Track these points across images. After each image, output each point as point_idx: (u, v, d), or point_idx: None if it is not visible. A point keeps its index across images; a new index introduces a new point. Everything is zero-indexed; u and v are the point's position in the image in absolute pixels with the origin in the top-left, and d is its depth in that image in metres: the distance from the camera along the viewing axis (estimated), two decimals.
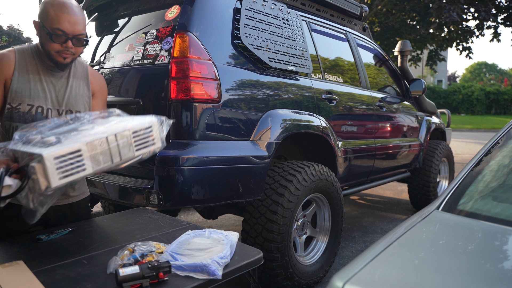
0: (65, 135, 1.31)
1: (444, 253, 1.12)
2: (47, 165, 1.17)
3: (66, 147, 1.22)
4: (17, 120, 1.55)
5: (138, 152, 1.41)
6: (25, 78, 1.56)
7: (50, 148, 1.21)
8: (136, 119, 1.48)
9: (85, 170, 1.27)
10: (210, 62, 2.11)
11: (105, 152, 1.31)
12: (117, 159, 1.35)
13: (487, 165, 1.56)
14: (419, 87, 4.12)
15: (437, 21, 10.11)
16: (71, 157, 1.22)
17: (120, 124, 1.42)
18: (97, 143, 1.29)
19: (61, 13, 1.48)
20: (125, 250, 1.28)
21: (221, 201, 2.17)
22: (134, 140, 1.39)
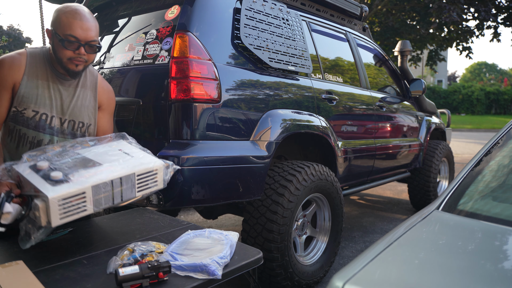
0: (71, 171, 1.34)
1: (444, 253, 1.12)
2: (51, 206, 1.20)
3: (71, 189, 1.25)
4: (20, 123, 1.55)
5: (139, 193, 1.45)
6: (34, 84, 1.55)
7: (56, 189, 1.24)
8: (143, 158, 1.50)
9: (86, 211, 1.30)
10: (210, 62, 2.11)
11: (108, 194, 1.35)
12: (118, 200, 1.39)
13: (487, 165, 1.56)
14: (419, 87, 4.12)
15: (437, 21, 10.11)
16: (75, 199, 1.26)
17: (126, 163, 1.44)
18: (102, 186, 1.32)
19: (73, 20, 1.48)
20: (125, 250, 1.28)
21: (221, 201, 2.17)
22: (138, 183, 1.43)
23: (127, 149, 1.55)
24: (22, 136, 1.57)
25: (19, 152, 1.58)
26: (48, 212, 1.21)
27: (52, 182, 1.26)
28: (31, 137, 1.57)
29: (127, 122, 2.25)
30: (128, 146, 1.59)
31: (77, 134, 1.67)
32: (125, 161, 1.45)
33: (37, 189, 1.24)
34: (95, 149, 1.54)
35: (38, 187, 1.24)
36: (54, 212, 1.21)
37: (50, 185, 1.25)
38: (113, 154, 1.50)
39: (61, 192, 1.22)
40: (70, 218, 1.26)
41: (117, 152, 1.52)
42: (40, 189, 1.23)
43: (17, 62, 1.53)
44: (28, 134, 1.57)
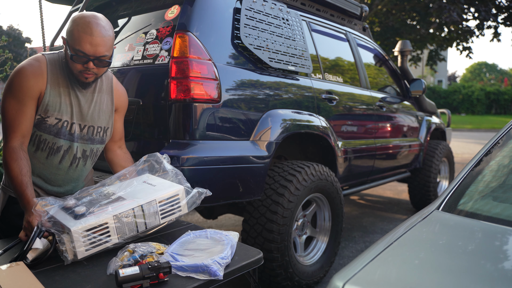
0: (96, 206, 1.38)
1: (444, 253, 1.12)
2: (74, 238, 1.25)
3: (93, 220, 1.29)
4: (42, 130, 1.56)
5: (164, 220, 1.47)
6: (56, 92, 1.55)
7: (79, 221, 1.28)
8: (165, 185, 1.53)
9: (111, 241, 1.34)
10: (210, 62, 2.11)
11: (131, 223, 1.38)
12: (143, 228, 1.42)
13: (487, 165, 1.56)
14: (419, 87, 4.12)
15: (437, 21, 10.10)
16: (98, 229, 1.30)
17: (148, 192, 1.47)
18: (124, 216, 1.35)
19: (84, 34, 1.45)
20: (125, 251, 1.28)
21: (221, 201, 2.17)
22: (160, 209, 1.45)
23: (152, 181, 1.58)
24: (43, 141, 1.57)
25: (37, 156, 1.60)
26: (73, 245, 1.25)
27: (75, 216, 1.31)
28: (51, 143, 1.58)
29: (127, 122, 2.25)
30: (153, 178, 1.62)
31: (95, 138, 1.69)
32: (147, 191, 1.49)
33: (62, 224, 1.29)
34: (121, 184, 1.58)
35: (62, 222, 1.29)
36: (78, 245, 1.26)
37: (73, 219, 1.30)
38: (137, 185, 1.54)
39: (84, 224, 1.27)
40: (95, 250, 1.30)
41: (141, 184, 1.56)
42: (64, 223, 1.28)
43: (39, 70, 1.52)
44: (48, 140, 1.57)
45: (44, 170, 1.62)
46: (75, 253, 1.26)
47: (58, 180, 1.65)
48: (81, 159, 1.67)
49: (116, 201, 1.42)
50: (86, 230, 1.27)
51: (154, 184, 1.55)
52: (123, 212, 1.35)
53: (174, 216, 1.50)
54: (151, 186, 1.53)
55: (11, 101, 1.49)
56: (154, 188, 1.51)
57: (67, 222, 1.28)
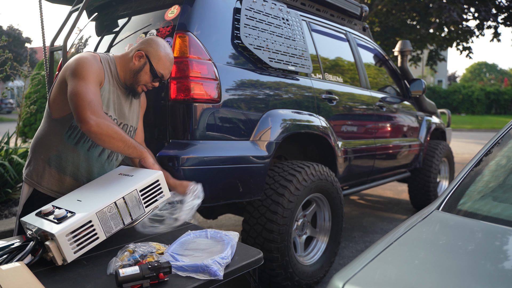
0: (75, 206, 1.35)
1: (444, 253, 1.12)
2: (60, 242, 1.21)
3: (76, 221, 1.25)
4: None
5: (148, 208, 1.47)
6: (106, 88, 1.64)
7: (61, 225, 1.24)
8: (143, 173, 1.53)
9: (98, 239, 1.31)
10: (210, 62, 2.11)
11: (115, 217, 1.36)
12: (128, 220, 1.40)
13: (487, 165, 1.56)
14: (419, 87, 4.12)
15: (437, 21, 10.10)
16: (83, 229, 1.26)
17: (126, 183, 1.46)
18: (107, 210, 1.33)
19: (169, 63, 1.72)
20: (125, 251, 1.28)
21: (221, 201, 2.17)
22: (143, 198, 1.45)
23: (127, 171, 1.59)
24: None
25: (78, 148, 1.64)
26: (60, 250, 1.22)
27: (57, 220, 1.27)
28: None
29: None
30: (128, 168, 1.64)
31: None
32: (126, 182, 1.48)
33: (44, 231, 1.25)
34: (97, 181, 1.59)
35: (44, 229, 1.25)
36: (66, 248, 1.22)
37: (56, 223, 1.26)
38: (114, 179, 1.55)
39: (66, 227, 1.22)
40: (84, 250, 1.27)
41: (117, 177, 1.56)
42: (46, 230, 1.24)
43: (98, 62, 1.61)
44: None
45: (83, 162, 1.66)
46: (64, 257, 1.23)
47: (94, 172, 1.70)
48: (115, 154, 1.76)
49: (95, 197, 1.40)
50: (71, 232, 1.23)
51: (131, 174, 1.54)
52: (105, 207, 1.32)
53: (158, 203, 1.50)
54: (129, 177, 1.51)
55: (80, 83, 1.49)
56: (132, 178, 1.50)
57: (48, 227, 1.24)
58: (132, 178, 1.50)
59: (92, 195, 1.45)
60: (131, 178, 1.51)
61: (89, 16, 2.85)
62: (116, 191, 1.41)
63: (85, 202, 1.39)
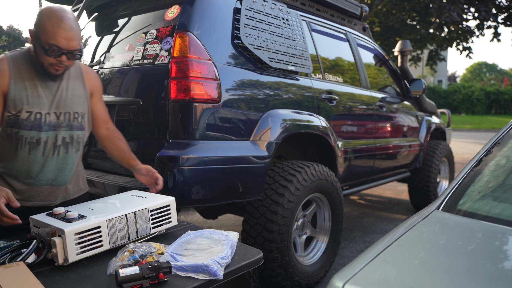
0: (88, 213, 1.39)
1: (444, 253, 1.12)
2: (67, 240, 1.23)
3: (86, 223, 1.29)
4: (16, 126, 1.56)
5: (154, 230, 1.49)
6: (22, 86, 1.56)
7: (72, 224, 1.27)
8: (156, 197, 1.57)
9: (102, 247, 1.33)
10: (210, 62, 2.11)
11: (123, 229, 1.38)
12: (134, 236, 1.43)
13: (487, 165, 1.56)
14: (419, 87, 4.12)
15: (437, 21, 10.10)
16: (90, 233, 1.29)
17: (139, 201, 1.51)
18: (117, 220, 1.36)
19: (58, 29, 1.47)
20: (125, 251, 1.28)
21: (221, 201, 2.17)
22: (152, 218, 1.47)
23: (141, 194, 1.63)
24: (20, 138, 1.57)
25: (18, 154, 1.59)
26: (65, 247, 1.24)
27: (68, 219, 1.31)
28: (29, 138, 1.58)
29: (127, 122, 2.25)
30: (141, 192, 1.66)
31: (74, 124, 1.68)
32: (138, 201, 1.52)
33: (54, 228, 1.28)
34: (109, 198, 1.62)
35: (54, 226, 1.28)
36: (71, 247, 1.24)
37: (66, 222, 1.30)
38: (127, 198, 1.59)
39: (77, 226, 1.26)
40: (86, 254, 1.29)
41: (130, 197, 1.61)
42: (56, 226, 1.27)
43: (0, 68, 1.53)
44: (25, 135, 1.57)
45: (29, 167, 1.62)
46: (66, 257, 1.24)
47: (46, 172, 1.65)
48: (61, 146, 1.66)
49: (107, 208, 1.44)
50: (79, 232, 1.26)
51: (144, 196, 1.59)
52: (116, 217, 1.36)
53: (164, 228, 1.53)
54: (141, 198, 1.57)
55: None
56: (145, 199, 1.55)
57: (60, 225, 1.27)
58: (145, 199, 1.55)
59: (104, 207, 1.48)
60: (143, 199, 1.55)
61: (89, 16, 2.85)
62: (128, 206, 1.46)
63: (97, 210, 1.43)
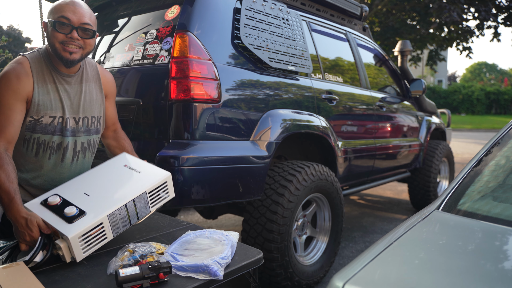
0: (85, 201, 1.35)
1: (444, 253, 1.12)
2: (73, 244, 1.23)
3: (89, 223, 1.27)
4: (39, 131, 1.54)
5: (154, 208, 1.48)
6: (45, 90, 1.53)
7: (74, 226, 1.26)
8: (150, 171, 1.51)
9: (106, 239, 1.33)
10: (210, 62, 2.11)
11: (124, 218, 1.38)
12: (135, 220, 1.42)
13: (487, 165, 1.56)
14: (419, 87, 4.12)
15: (437, 21, 10.10)
16: (94, 231, 1.29)
17: (136, 182, 1.46)
18: (117, 212, 1.35)
19: (65, 5, 1.48)
20: (125, 251, 1.28)
21: (221, 201, 2.17)
22: (150, 199, 1.46)
23: (132, 163, 1.57)
24: (42, 143, 1.55)
25: (39, 159, 1.57)
26: (71, 250, 1.24)
27: (68, 219, 1.28)
28: (51, 142, 1.56)
29: (127, 122, 2.25)
30: (133, 160, 1.60)
31: (91, 129, 1.68)
32: (134, 180, 1.47)
33: (56, 230, 1.27)
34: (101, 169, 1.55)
35: (56, 228, 1.26)
36: (77, 249, 1.25)
37: (67, 222, 1.27)
38: (120, 173, 1.52)
39: (80, 229, 1.25)
40: (92, 250, 1.30)
41: (123, 169, 1.54)
42: (59, 230, 1.25)
43: (23, 73, 1.48)
44: (47, 140, 1.56)
45: (49, 172, 1.60)
46: (74, 256, 1.26)
47: (64, 178, 1.62)
48: (80, 152, 1.66)
49: (103, 195, 1.40)
50: (83, 234, 1.26)
51: (138, 169, 1.52)
52: (116, 209, 1.34)
53: (162, 202, 1.51)
54: (136, 173, 1.50)
55: None
56: (140, 176, 1.49)
57: (61, 227, 1.26)
58: (140, 175, 1.49)
59: (100, 191, 1.43)
60: (138, 175, 1.49)
61: None
62: (125, 191, 1.42)
63: (94, 198, 1.38)
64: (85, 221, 1.28)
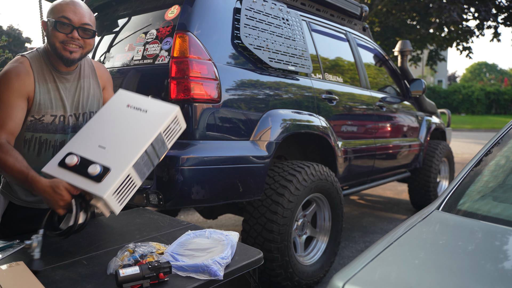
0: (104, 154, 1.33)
1: (444, 253, 1.12)
2: (109, 202, 1.26)
3: (118, 178, 1.28)
4: (40, 131, 1.54)
5: (170, 144, 1.48)
6: (45, 89, 1.53)
7: (105, 185, 1.26)
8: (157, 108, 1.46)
9: (136, 186, 1.35)
10: (210, 62, 2.11)
11: (147, 162, 1.39)
12: (156, 161, 1.43)
13: (487, 165, 1.56)
14: (419, 87, 4.12)
15: (437, 21, 10.10)
16: (124, 183, 1.30)
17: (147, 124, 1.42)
18: (140, 160, 1.35)
19: (66, 5, 1.49)
20: (125, 251, 1.28)
21: (221, 201, 2.17)
22: (166, 137, 1.45)
23: (134, 102, 1.50)
24: (44, 142, 1.55)
25: (41, 159, 1.56)
26: (108, 206, 1.28)
27: (95, 178, 1.28)
28: (53, 141, 1.57)
29: None
30: (132, 96, 1.53)
31: None
32: (144, 122, 1.43)
33: (87, 191, 1.27)
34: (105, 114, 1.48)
35: (87, 190, 1.27)
36: (113, 204, 1.28)
37: (95, 181, 1.27)
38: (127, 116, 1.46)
39: (111, 187, 1.26)
40: (127, 199, 1.33)
41: (128, 111, 1.47)
42: (91, 191, 1.26)
43: (24, 71, 1.48)
44: (49, 138, 1.56)
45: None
46: (113, 210, 1.29)
47: None
48: None
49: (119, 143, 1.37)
50: (116, 189, 1.27)
51: (144, 108, 1.47)
52: (138, 158, 1.33)
53: (177, 136, 1.52)
54: (142, 113, 1.45)
55: None
56: (148, 115, 1.44)
57: (92, 188, 1.26)
58: (148, 116, 1.44)
59: (114, 141, 1.39)
60: (146, 115, 1.45)
61: None
62: (139, 136, 1.38)
63: (111, 151, 1.35)
64: (112, 177, 1.27)
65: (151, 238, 1.52)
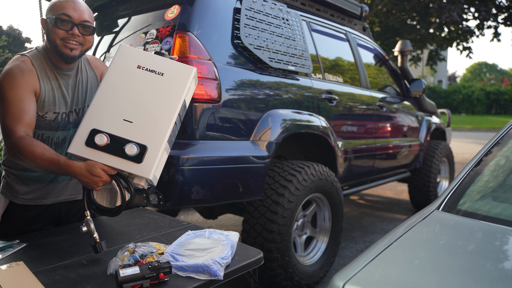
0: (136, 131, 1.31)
1: (444, 253, 1.12)
2: (152, 180, 1.33)
3: (156, 156, 1.30)
4: (43, 128, 1.54)
5: (188, 102, 1.48)
6: (49, 86, 1.54)
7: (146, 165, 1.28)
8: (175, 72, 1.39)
9: (167, 155, 1.42)
10: (210, 62, 2.11)
11: (175, 130, 1.42)
12: (179, 125, 1.47)
13: (487, 165, 1.56)
14: (419, 87, 4.12)
15: (437, 21, 10.10)
16: (161, 158, 1.34)
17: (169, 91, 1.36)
18: (171, 132, 1.37)
19: (66, 2, 1.50)
20: (125, 251, 1.28)
21: (221, 201, 2.17)
22: (187, 99, 1.46)
23: (144, 62, 1.39)
24: (46, 139, 1.56)
25: None
26: (150, 183, 1.35)
27: (134, 158, 1.28)
28: (55, 138, 1.57)
29: None
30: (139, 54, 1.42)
31: None
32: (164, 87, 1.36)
33: (130, 173, 1.30)
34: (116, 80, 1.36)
35: (130, 171, 1.29)
36: (155, 180, 1.35)
37: (136, 162, 1.28)
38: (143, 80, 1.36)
39: (154, 165, 1.30)
40: (161, 169, 1.39)
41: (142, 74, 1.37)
42: (135, 173, 1.29)
43: (26, 68, 1.48)
44: (51, 136, 1.56)
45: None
46: (152, 185, 1.37)
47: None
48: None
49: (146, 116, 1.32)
50: (156, 166, 1.31)
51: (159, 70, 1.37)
52: (170, 131, 1.34)
53: (193, 93, 1.53)
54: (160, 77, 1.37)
55: (4, 103, 1.42)
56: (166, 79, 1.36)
57: (135, 170, 1.28)
58: (166, 79, 1.37)
59: (139, 112, 1.32)
60: (163, 79, 1.37)
61: None
62: (164, 104, 1.34)
63: (139, 124, 1.31)
64: (152, 156, 1.29)
65: (151, 238, 1.52)
